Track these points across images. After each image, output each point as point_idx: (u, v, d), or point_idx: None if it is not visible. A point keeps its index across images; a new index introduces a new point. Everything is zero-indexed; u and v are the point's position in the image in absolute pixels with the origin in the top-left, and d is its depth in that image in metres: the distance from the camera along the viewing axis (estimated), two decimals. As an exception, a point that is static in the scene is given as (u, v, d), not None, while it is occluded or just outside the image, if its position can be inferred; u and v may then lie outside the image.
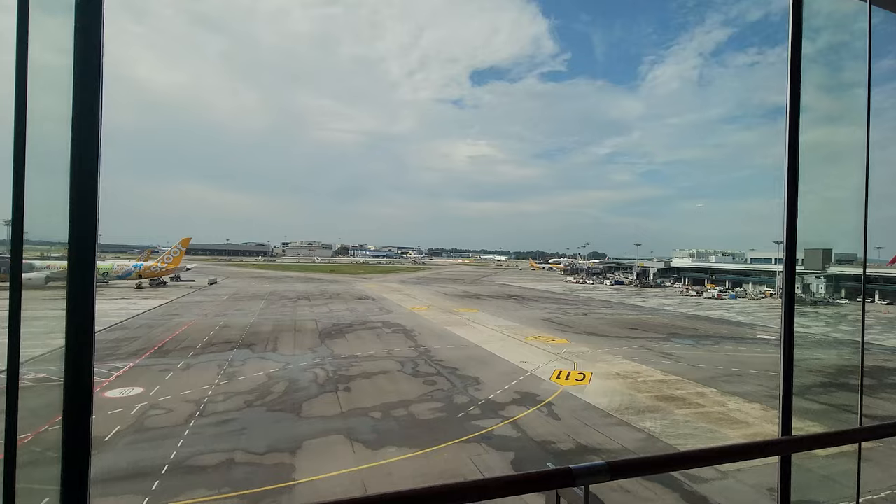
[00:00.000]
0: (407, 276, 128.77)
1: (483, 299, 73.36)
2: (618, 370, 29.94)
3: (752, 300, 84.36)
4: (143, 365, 28.23)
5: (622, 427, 20.35)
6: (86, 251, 1.89)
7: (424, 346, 35.44)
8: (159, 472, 15.15)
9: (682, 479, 15.67)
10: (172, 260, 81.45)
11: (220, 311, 51.39)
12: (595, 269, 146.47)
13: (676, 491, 14.95)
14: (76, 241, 1.86)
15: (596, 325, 49.26)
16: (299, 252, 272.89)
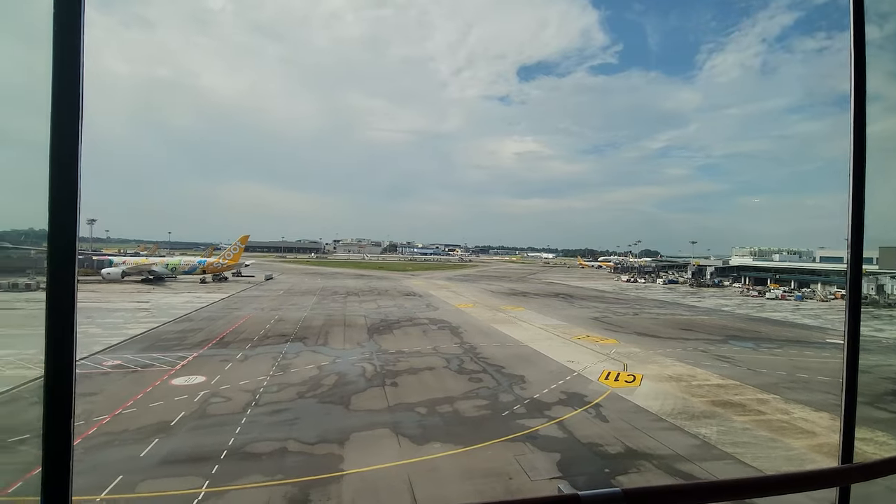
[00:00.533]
0: (453, 274, 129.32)
1: (529, 297, 72.50)
2: (670, 373, 28.78)
3: (820, 301, 78.50)
4: (205, 355, 30.01)
5: (675, 432, 19.57)
6: (66, 248, 1.80)
7: (470, 344, 35.52)
8: (218, 456, 16.09)
9: None
10: (233, 256, 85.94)
11: (275, 306, 53.72)
12: (647, 267, 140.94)
13: (733, 501, 14.20)
14: (55, 237, 1.77)
15: (647, 325, 47.52)
16: (349, 249, 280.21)
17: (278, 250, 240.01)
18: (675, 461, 16.77)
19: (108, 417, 19.36)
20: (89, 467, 15.21)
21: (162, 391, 22.78)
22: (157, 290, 67.31)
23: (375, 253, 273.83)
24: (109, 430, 18.23)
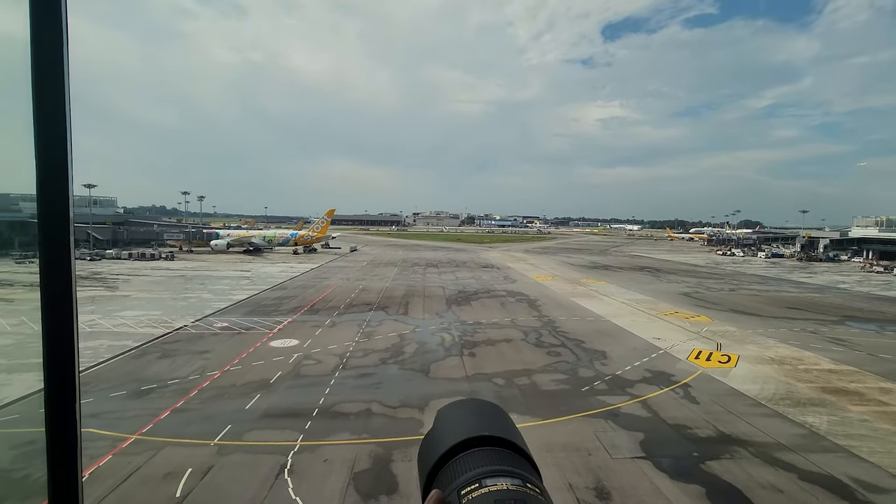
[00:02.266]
0: (531, 246, 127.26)
1: (612, 271, 69.52)
2: (772, 354, 26.35)
3: (970, 280, 66.98)
4: (298, 321, 32.45)
5: (775, 419, 17.99)
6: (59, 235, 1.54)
7: (549, 317, 34.97)
8: (311, 413, 17.47)
9: (853, 485, 13.44)
10: (321, 229, 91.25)
11: (359, 276, 56.49)
12: (747, 239, 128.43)
13: (845, 498, 12.87)
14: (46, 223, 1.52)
15: (746, 302, 43.67)
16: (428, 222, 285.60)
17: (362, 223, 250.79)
18: (775, 450, 15.47)
19: (219, 373, 21.72)
20: (205, 416, 17.23)
21: (262, 352, 25.06)
22: (257, 260, 73.48)
23: (453, 225, 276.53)
24: (220, 384, 20.47)
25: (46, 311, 1.57)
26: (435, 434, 0.91)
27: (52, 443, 1.59)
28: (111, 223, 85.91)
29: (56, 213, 1.50)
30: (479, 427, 0.88)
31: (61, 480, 1.60)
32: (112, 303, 36.80)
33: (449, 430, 0.90)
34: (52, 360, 1.60)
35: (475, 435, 0.86)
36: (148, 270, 57.39)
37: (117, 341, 26.09)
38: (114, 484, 12.87)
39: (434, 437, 0.90)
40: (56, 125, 1.47)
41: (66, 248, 1.53)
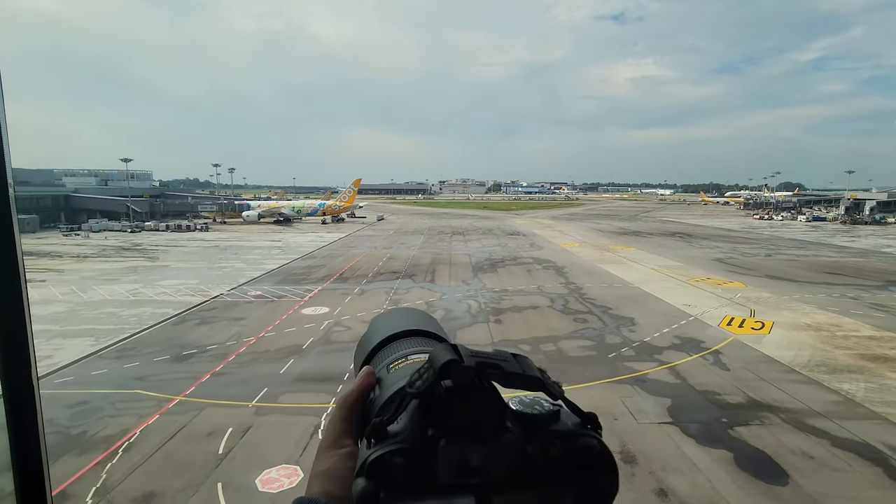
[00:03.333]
0: (559, 212, 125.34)
1: (642, 236, 68.01)
2: (809, 321, 25.57)
3: None
4: (328, 289, 33.25)
5: (810, 386, 17.63)
6: None
7: (576, 284, 34.72)
8: (342, 377, 18.10)
9: (888, 452, 13.16)
10: (348, 199, 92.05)
11: (386, 245, 57.09)
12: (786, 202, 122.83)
13: (879, 465, 12.65)
14: None
15: (782, 267, 42.19)
16: (454, 189, 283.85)
17: (388, 192, 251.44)
18: (807, 417, 15.23)
19: (254, 339, 22.63)
20: (243, 380, 18.11)
21: (294, 319, 25.90)
22: (287, 230, 75.04)
23: (479, 193, 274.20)
24: (255, 349, 21.37)
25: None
26: (368, 333, 1.02)
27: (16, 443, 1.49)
28: (148, 196, 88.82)
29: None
30: (407, 324, 0.98)
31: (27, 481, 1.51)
32: (153, 272, 38.47)
33: (380, 328, 1.00)
34: (5, 358, 1.46)
35: (402, 329, 0.95)
36: (184, 241, 59.45)
37: (159, 309, 27.39)
38: (161, 441, 13.80)
39: (367, 335, 1.01)
40: None
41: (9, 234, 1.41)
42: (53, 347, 21.28)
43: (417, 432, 0.63)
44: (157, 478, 12.16)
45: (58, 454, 13.16)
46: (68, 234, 63.72)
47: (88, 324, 24.77)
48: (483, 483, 0.63)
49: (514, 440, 0.66)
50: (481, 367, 0.65)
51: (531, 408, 0.71)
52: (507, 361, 0.70)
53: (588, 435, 0.70)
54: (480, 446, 0.63)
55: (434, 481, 0.61)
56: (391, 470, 0.60)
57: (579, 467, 0.67)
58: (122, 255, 47.84)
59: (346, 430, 0.76)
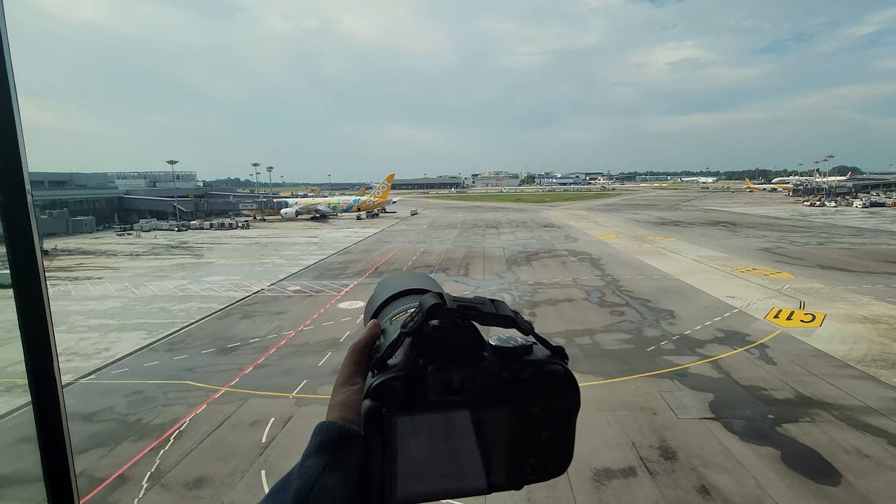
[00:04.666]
0: (595, 203, 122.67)
1: (682, 226, 65.73)
2: (865, 313, 24.13)
3: None
4: (364, 283, 33.85)
5: (865, 381, 16.69)
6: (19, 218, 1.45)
7: (612, 276, 34.00)
8: (379, 370, 18.46)
9: (954, 453, 12.32)
10: (381, 194, 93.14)
11: (420, 239, 57.52)
12: (840, 187, 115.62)
13: (944, 466, 11.86)
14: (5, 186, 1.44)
15: (836, 256, 39.88)
16: (487, 182, 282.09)
17: (421, 187, 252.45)
18: (862, 414, 14.44)
19: (293, 333, 23.36)
20: (284, 371, 18.76)
21: (331, 313, 26.55)
22: (323, 226, 76.76)
23: (513, 185, 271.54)
24: (295, 342, 22.07)
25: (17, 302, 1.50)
26: (375, 293, 1.16)
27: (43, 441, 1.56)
28: (193, 196, 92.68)
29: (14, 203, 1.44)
30: (408, 284, 1.13)
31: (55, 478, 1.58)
32: (199, 269, 40.24)
33: (385, 288, 1.14)
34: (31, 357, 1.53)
35: (404, 288, 1.11)
36: (227, 238, 61.80)
37: (205, 304, 28.66)
38: (210, 429, 14.50)
39: (374, 294, 1.15)
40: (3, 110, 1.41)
41: (28, 236, 1.46)
42: (111, 340, 22.67)
43: (411, 362, 0.77)
44: (205, 464, 12.81)
45: (117, 440, 14.08)
46: (121, 234, 67.42)
47: (142, 318, 26.21)
48: (464, 400, 0.77)
49: (490, 366, 0.80)
50: (462, 309, 0.80)
51: (507, 342, 0.84)
52: (483, 304, 0.83)
53: (555, 363, 0.83)
54: (461, 371, 0.78)
55: (425, 399, 0.76)
56: (390, 392, 0.75)
57: (546, 387, 0.80)
58: (171, 253, 50.22)
59: (356, 371, 0.90)
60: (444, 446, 0.76)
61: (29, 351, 1.52)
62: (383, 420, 0.73)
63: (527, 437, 0.80)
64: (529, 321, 0.86)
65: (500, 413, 0.79)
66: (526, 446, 0.80)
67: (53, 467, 1.59)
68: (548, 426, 0.80)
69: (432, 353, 0.78)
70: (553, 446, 0.81)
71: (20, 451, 12.98)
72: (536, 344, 0.86)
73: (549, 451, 0.81)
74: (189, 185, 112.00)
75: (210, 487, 11.92)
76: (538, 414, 0.80)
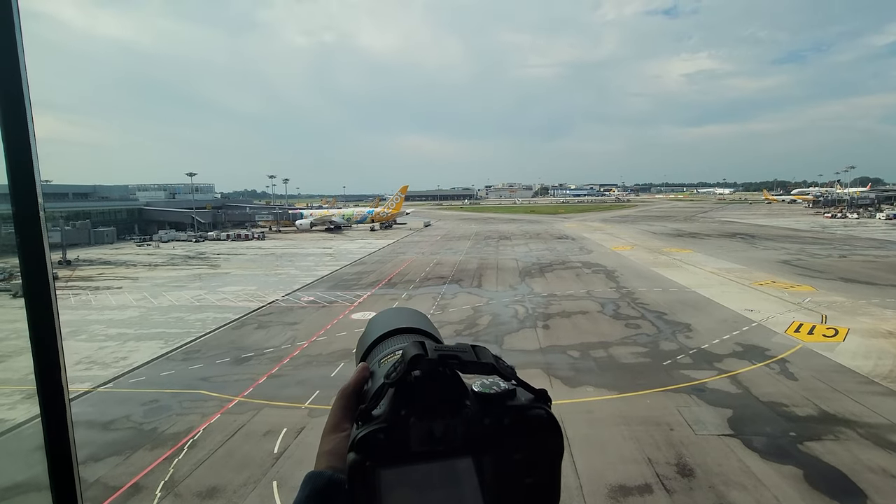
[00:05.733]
0: (609, 215, 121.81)
1: (699, 238, 64.82)
2: (890, 327, 23.43)
3: None
4: (377, 294, 33.98)
5: (891, 398, 16.13)
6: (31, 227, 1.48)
7: (627, 288, 33.60)
8: (391, 381, 18.41)
9: None
10: (395, 206, 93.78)
11: (434, 250, 57.63)
12: (863, 199, 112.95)
13: (977, 489, 11.37)
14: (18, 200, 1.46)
15: (858, 269, 38.90)
16: (500, 194, 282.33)
17: (434, 198, 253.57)
18: (889, 432, 13.95)
19: (307, 343, 23.49)
20: (297, 381, 18.84)
21: (344, 323, 26.66)
22: (338, 237, 77.43)
23: (526, 196, 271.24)
24: (308, 353, 22.17)
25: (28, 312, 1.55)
26: (366, 331, 1.20)
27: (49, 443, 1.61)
28: (211, 207, 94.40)
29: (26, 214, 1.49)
30: (398, 322, 1.17)
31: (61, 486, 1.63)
32: (215, 279, 40.82)
33: (376, 326, 1.18)
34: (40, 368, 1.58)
35: (394, 328, 1.14)
36: (243, 249, 62.68)
37: (220, 314, 29.01)
38: (223, 439, 14.59)
39: (365, 333, 1.19)
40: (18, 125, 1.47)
41: (39, 248, 1.51)
42: (129, 350, 23.04)
43: (394, 413, 0.78)
44: (219, 474, 12.87)
45: (133, 448, 14.24)
46: (141, 245, 68.84)
47: (159, 327, 26.61)
48: (447, 450, 0.77)
49: (472, 413, 0.80)
50: (443, 359, 0.81)
51: (490, 388, 0.84)
52: (465, 352, 0.84)
53: (538, 407, 0.83)
54: (443, 420, 0.79)
55: (408, 450, 0.77)
56: (374, 444, 0.75)
57: (529, 433, 0.81)
58: (188, 264, 51.07)
59: (344, 417, 0.91)
60: (428, 497, 0.76)
61: (38, 361, 1.57)
62: (367, 473, 0.74)
63: (511, 483, 0.79)
64: (511, 366, 0.88)
65: (484, 461, 0.79)
66: (510, 493, 0.79)
67: (60, 475, 1.64)
68: (532, 471, 0.80)
69: (414, 404, 0.79)
70: (538, 492, 0.81)
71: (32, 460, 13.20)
72: (519, 387, 0.86)
73: (535, 496, 0.81)
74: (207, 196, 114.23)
75: (222, 497, 11.96)
76: (521, 460, 0.80)
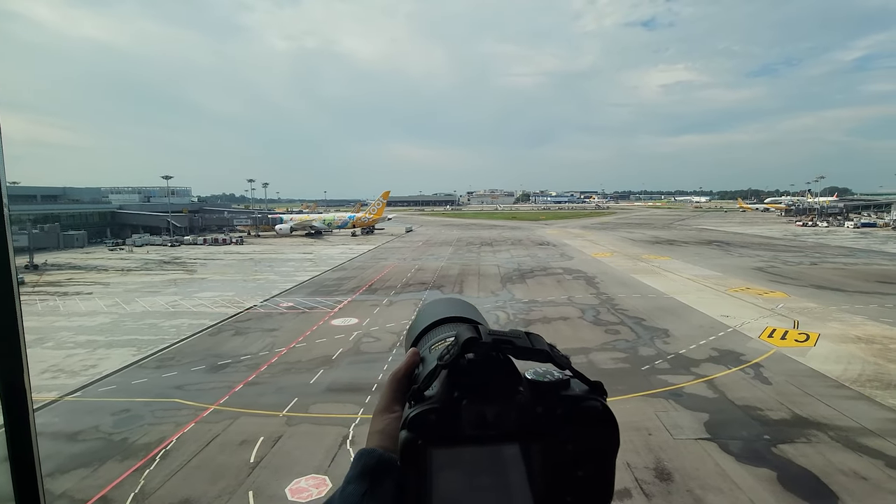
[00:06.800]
0: (589, 222, 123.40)
1: (676, 245, 66.11)
2: (859, 333, 24.17)
3: None
4: (357, 300, 33.65)
5: (861, 402, 16.61)
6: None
7: (607, 294, 33.99)
8: (370, 388, 18.18)
9: (952, 475, 12.20)
10: (377, 211, 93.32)
11: (415, 256, 57.45)
12: (832, 208, 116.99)
13: (941, 489, 11.72)
14: None
15: (829, 276, 40.14)
16: (482, 200, 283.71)
17: (417, 204, 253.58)
18: (859, 435, 14.33)
19: (285, 350, 23.07)
20: (275, 389, 18.45)
21: (324, 330, 26.29)
22: (318, 242, 76.60)
23: (508, 203, 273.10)
24: (287, 360, 21.77)
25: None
26: (416, 319, 1.23)
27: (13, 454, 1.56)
28: (187, 211, 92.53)
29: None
30: (448, 311, 1.18)
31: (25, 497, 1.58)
32: (191, 285, 39.89)
33: (426, 315, 1.20)
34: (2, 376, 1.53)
35: (443, 316, 1.16)
36: (221, 254, 61.49)
37: (196, 320, 28.32)
38: (197, 448, 14.17)
39: (415, 321, 1.22)
40: None
41: (3, 252, 1.48)
42: (99, 357, 22.28)
43: (446, 395, 0.80)
44: (192, 485, 12.47)
45: (101, 459, 13.71)
46: (113, 249, 66.92)
47: (131, 334, 25.82)
48: (498, 434, 0.78)
49: (524, 400, 0.80)
50: (497, 343, 0.82)
51: (543, 376, 0.83)
52: (519, 338, 0.84)
53: (593, 399, 0.82)
54: (495, 405, 0.79)
55: (460, 432, 0.77)
56: (426, 424, 0.77)
57: (582, 425, 0.79)
58: (163, 269, 49.83)
59: (395, 399, 0.94)
60: (478, 480, 0.76)
61: (1, 370, 1.52)
62: (419, 451, 0.75)
63: (562, 474, 0.79)
64: (566, 355, 0.87)
65: (535, 449, 0.78)
66: (561, 484, 0.78)
67: (23, 488, 1.58)
68: (584, 464, 0.79)
69: (467, 387, 0.79)
70: (590, 485, 0.79)
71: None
72: (574, 378, 0.85)
73: (587, 489, 0.79)
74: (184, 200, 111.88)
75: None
76: (573, 451, 0.79)
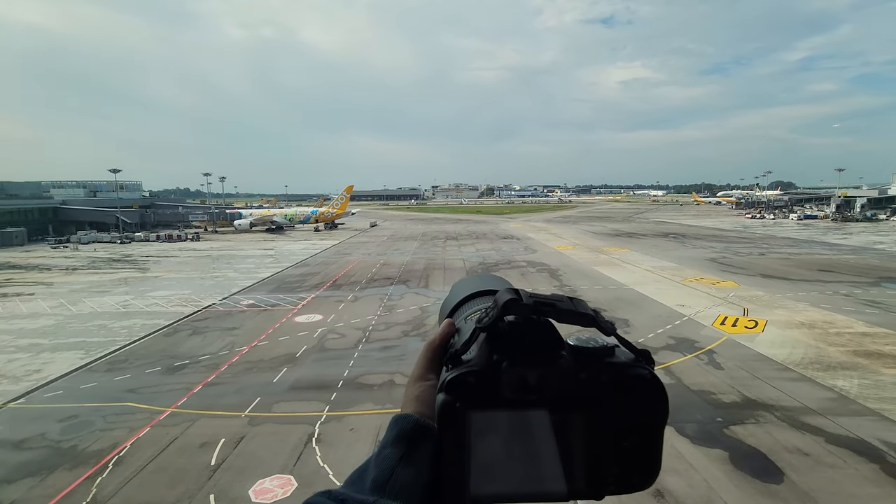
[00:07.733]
0: (552, 215, 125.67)
1: (635, 238, 68.30)
2: (802, 318, 25.71)
3: None
4: (321, 296, 33.06)
5: (804, 383, 17.69)
6: None
7: (570, 286, 34.75)
8: (336, 385, 17.95)
9: (884, 448, 13.20)
10: (340, 206, 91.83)
11: (380, 251, 56.95)
12: (777, 201, 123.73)
13: (875, 461, 12.66)
14: None
15: (775, 266, 42.48)
16: (447, 194, 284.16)
17: (381, 198, 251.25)
18: (802, 414, 15.26)
19: (247, 349, 22.43)
20: (236, 389, 17.91)
21: (287, 327, 25.71)
22: (280, 238, 74.71)
23: (473, 197, 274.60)
24: (249, 359, 21.16)
25: None
26: (451, 293, 1.20)
27: None
28: (138, 207, 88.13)
29: None
30: (483, 285, 1.13)
31: None
32: (143, 284, 38.11)
33: (461, 289, 1.17)
34: None
35: (479, 289, 1.12)
36: (176, 251, 59.02)
37: (150, 320, 27.10)
38: (154, 453, 13.58)
39: (450, 295, 1.19)
40: None
41: None
42: (42, 361, 20.99)
43: (485, 358, 0.77)
44: (148, 491, 11.95)
45: (50, 468, 12.94)
46: (56, 247, 63.00)
47: (78, 337, 24.44)
48: (540, 399, 0.75)
49: (568, 366, 0.77)
50: (538, 305, 0.78)
51: (587, 343, 0.82)
52: (561, 301, 0.81)
53: (640, 366, 0.81)
54: (537, 369, 0.76)
55: (499, 396, 0.75)
56: (465, 387, 0.75)
57: (628, 394, 0.77)
58: (112, 267, 47.37)
59: (430, 368, 0.92)
60: (518, 446, 0.73)
61: None
62: (457, 414, 0.72)
63: (606, 444, 0.76)
64: (612, 322, 0.83)
65: (578, 417, 0.75)
66: (606, 454, 0.76)
67: None
68: (629, 435, 0.76)
69: (507, 350, 0.76)
70: (636, 457, 0.77)
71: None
72: (619, 346, 0.83)
73: (633, 461, 0.76)
74: (134, 195, 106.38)
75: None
76: (619, 421, 0.76)
